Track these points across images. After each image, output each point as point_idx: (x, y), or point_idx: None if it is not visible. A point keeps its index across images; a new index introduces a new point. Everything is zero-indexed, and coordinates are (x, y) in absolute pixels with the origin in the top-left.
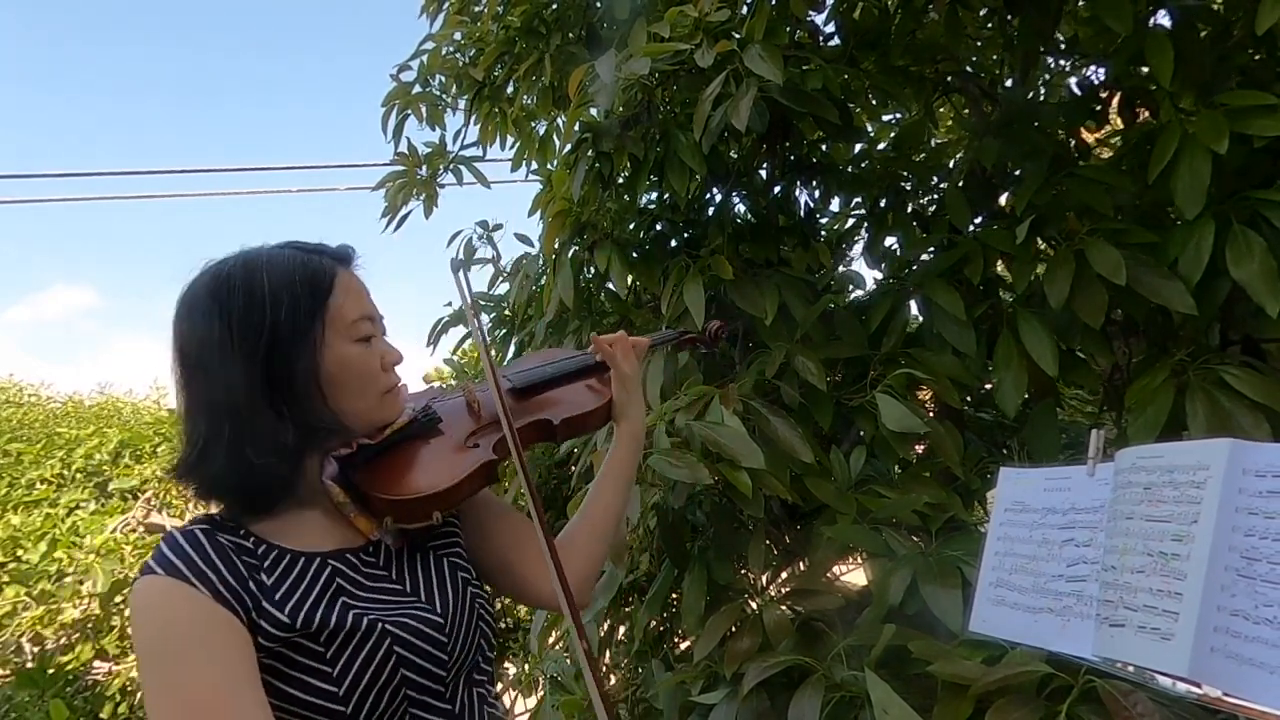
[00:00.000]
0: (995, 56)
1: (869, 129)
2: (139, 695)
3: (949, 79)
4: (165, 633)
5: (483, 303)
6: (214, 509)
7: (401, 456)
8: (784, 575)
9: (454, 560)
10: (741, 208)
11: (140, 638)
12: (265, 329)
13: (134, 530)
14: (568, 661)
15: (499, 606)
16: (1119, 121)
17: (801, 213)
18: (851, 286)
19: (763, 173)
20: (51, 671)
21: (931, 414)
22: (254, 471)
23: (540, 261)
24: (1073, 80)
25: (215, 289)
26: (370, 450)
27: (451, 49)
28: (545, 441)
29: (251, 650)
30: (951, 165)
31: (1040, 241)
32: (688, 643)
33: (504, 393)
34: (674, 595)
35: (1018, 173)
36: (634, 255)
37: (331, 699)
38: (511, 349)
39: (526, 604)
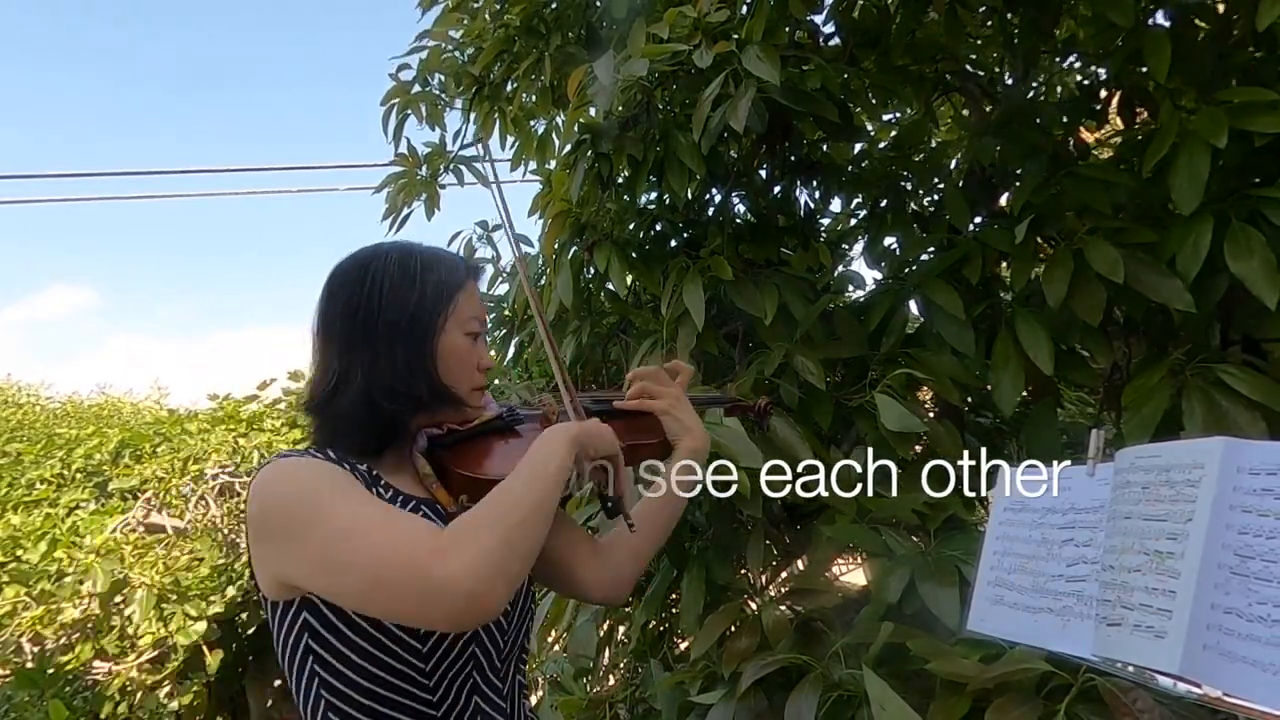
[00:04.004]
0: (994, 55)
1: (869, 129)
2: (139, 695)
3: (948, 78)
4: (324, 477)
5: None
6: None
7: (483, 445)
8: (783, 575)
9: None
10: (741, 208)
11: (290, 490)
12: (412, 300)
13: (134, 530)
14: (567, 662)
15: None
16: (1119, 122)
17: (801, 213)
18: (851, 286)
19: (763, 173)
20: (51, 671)
21: (931, 414)
22: (378, 414)
23: (540, 262)
24: (1079, 78)
25: (373, 260)
26: (458, 434)
27: (450, 47)
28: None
29: None
30: (951, 165)
31: (1040, 241)
32: (687, 643)
33: (577, 415)
34: (673, 595)
35: (1017, 172)
36: (634, 256)
37: (415, 653)
38: (511, 349)
39: (569, 595)
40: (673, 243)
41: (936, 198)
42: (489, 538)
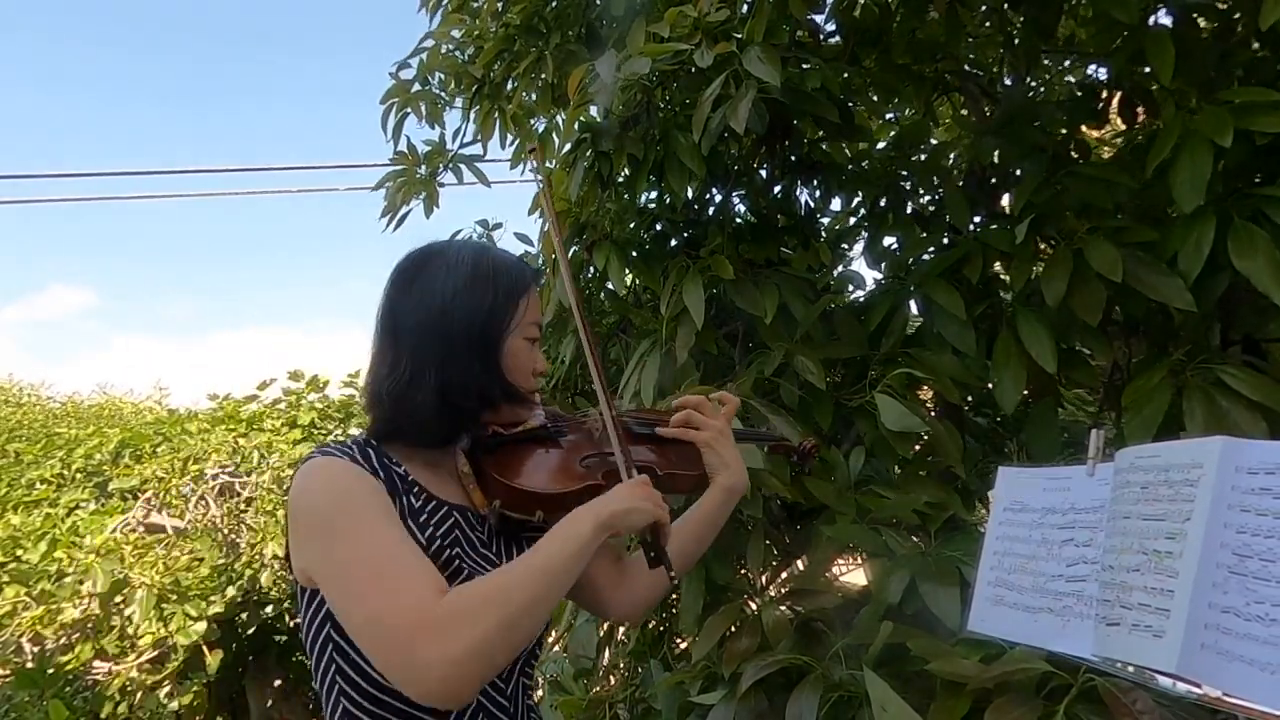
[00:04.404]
0: (994, 55)
1: (870, 127)
2: (139, 695)
3: (948, 78)
4: (351, 495)
5: None
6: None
7: (525, 452)
8: (783, 575)
9: None
10: (741, 208)
11: (320, 500)
12: (486, 304)
13: (134, 530)
14: (567, 662)
15: None
16: (1120, 122)
17: (801, 212)
18: (851, 286)
19: (763, 173)
20: (51, 671)
21: (932, 414)
22: (453, 411)
23: (540, 261)
24: (1072, 79)
25: (445, 259)
26: (502, 438)
27: (451, 47)
28: None
29: None
30: (951, 165)
31: (1040, 241)
32: (687, 643)
33: (621, 434)
34: (673, 595)
35: (1017, 172)
36: (633, 255)
37: None
38: None
39: (588, 610)
40: (673, 242)
41: (936, 198)
42: (483, 626)
